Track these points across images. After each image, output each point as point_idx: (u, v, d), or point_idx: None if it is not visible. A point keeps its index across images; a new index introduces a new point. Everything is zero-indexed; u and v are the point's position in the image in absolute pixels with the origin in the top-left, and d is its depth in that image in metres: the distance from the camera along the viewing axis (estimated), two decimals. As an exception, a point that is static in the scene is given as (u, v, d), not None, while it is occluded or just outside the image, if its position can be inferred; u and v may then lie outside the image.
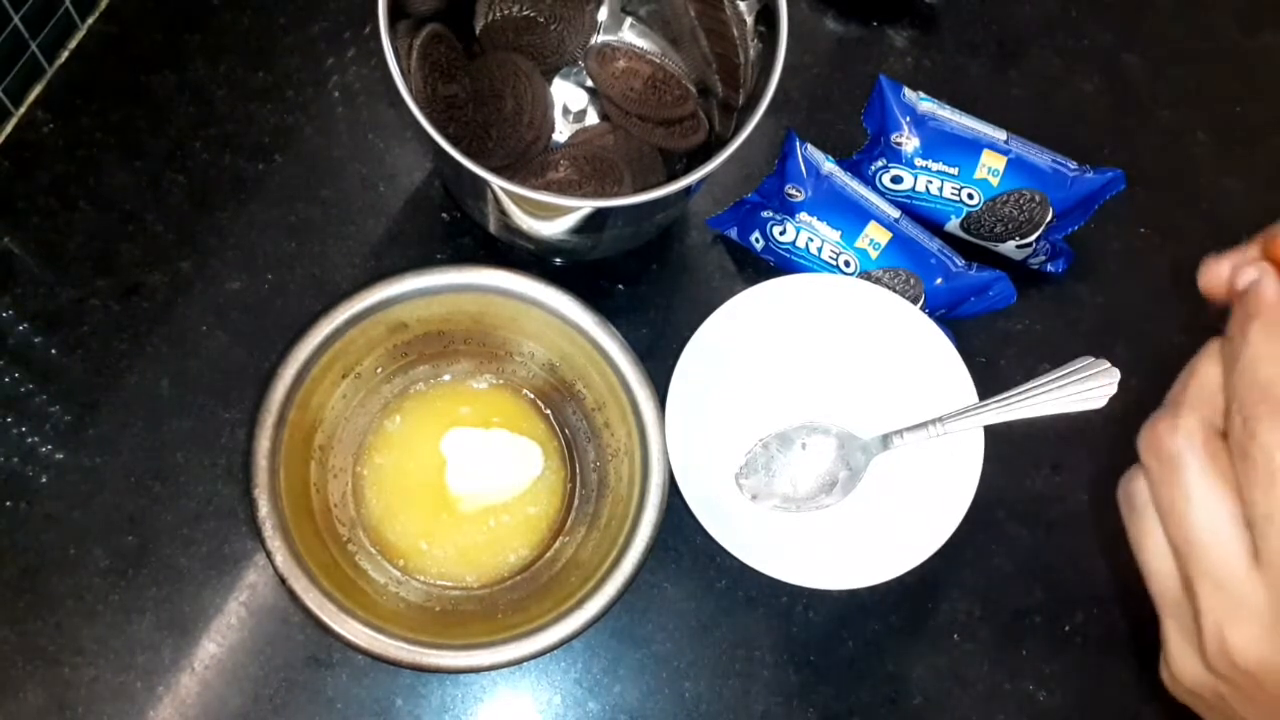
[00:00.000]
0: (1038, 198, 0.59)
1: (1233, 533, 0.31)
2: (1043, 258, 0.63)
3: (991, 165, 0.59)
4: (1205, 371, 0.33)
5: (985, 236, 0.62)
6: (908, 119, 0.59)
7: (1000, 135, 0.60)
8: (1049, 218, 0.60)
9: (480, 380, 0.58)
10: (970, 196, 0.60)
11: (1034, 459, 0.61)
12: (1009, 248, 0.62)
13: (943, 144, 0.59)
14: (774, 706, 0.56)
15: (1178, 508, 0.32)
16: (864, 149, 0.62)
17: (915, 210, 0.61)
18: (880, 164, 0.61)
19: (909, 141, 0.59)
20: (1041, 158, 0.60)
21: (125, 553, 0.55)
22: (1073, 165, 0.60)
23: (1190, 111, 0.68)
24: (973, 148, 0.59)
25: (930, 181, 0.60)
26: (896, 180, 0.60)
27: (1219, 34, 0.71)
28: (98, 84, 0.61)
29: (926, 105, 0.60)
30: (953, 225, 0.62)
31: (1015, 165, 0.59)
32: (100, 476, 0.56)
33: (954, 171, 0.59)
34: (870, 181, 0.61)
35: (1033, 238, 0.61)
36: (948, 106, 0.60)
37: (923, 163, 0.60)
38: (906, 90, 0.60)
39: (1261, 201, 0.66)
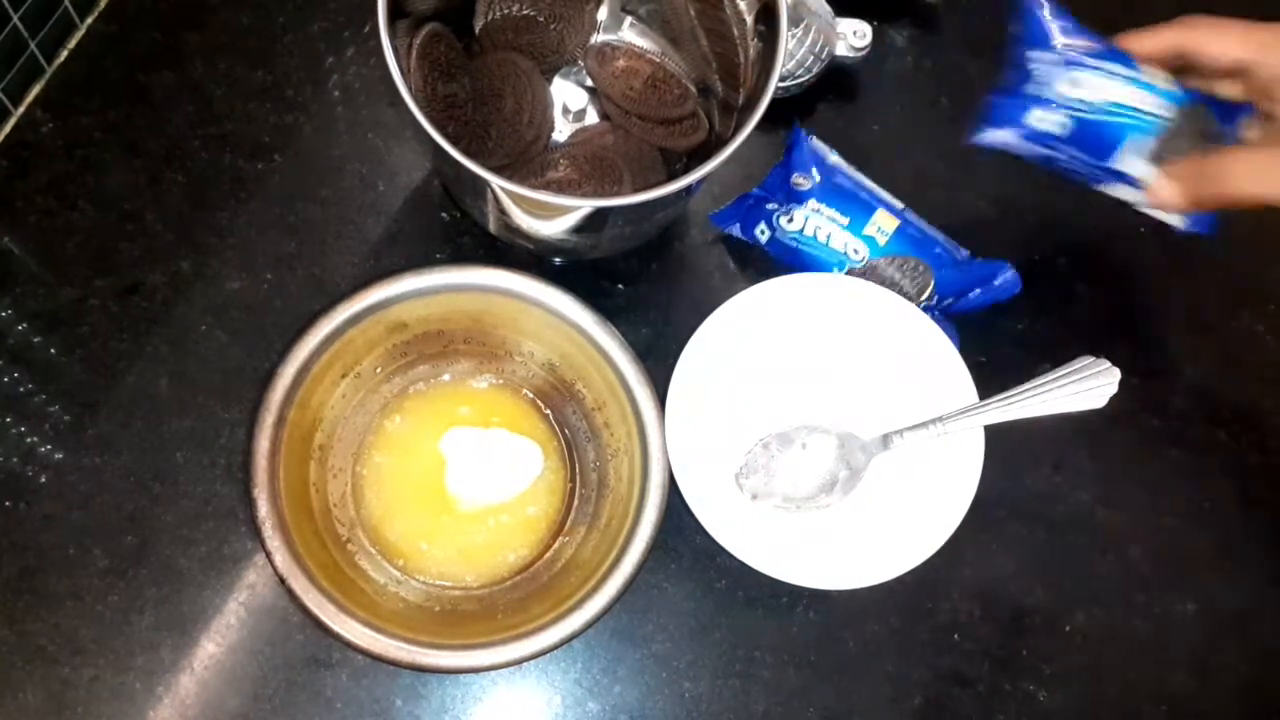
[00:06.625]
0: None
1: None
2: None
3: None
4: None
5: None
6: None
7: None
8: None
9: (480, 380, 0.58)
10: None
11: (1034, 459, 0.61)
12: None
13: None
14: (774, 706, 0.56)
15: None
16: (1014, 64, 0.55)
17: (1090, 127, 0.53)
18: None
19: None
20: None
21: (125, 553, 0.55)
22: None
23: (1190, 111, 0.68)
24: None
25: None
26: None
27: (1219, 33, 0.70)
28: (97, 83, 0.61)
29: None
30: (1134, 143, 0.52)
31: None
32: (100, 476, 0.56)
33: None
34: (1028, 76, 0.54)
35: None
36: None
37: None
38: None
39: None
